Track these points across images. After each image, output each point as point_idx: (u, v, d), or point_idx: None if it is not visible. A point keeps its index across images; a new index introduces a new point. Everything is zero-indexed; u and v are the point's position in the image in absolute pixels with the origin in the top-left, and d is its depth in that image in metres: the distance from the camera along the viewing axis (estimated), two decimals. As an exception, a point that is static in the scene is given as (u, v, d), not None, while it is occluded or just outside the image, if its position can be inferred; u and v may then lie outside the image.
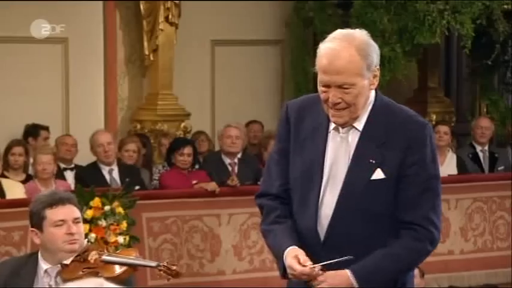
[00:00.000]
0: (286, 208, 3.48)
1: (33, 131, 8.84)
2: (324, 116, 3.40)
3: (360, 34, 3.38)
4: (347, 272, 3.34)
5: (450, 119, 10.57)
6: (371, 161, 3.34)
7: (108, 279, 3.66)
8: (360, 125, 3.39)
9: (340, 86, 3.32)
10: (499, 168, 9.33)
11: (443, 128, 9.36)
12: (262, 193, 3.56)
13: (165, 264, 3.70)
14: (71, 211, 3.85)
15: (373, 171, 3.34)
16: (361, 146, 3.37)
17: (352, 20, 9.59)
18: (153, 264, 3.77)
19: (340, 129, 3.39)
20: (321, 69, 3.33)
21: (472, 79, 11.20)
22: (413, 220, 3.36)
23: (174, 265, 3.73)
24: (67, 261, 3.77)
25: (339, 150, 3.39)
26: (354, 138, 3.39)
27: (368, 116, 3.39)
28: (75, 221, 3.84)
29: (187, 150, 8.31)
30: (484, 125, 9.54)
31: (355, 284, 3.33)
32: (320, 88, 3.36)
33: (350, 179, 3.36)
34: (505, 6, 9.67)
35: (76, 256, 3.78)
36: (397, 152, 3.35)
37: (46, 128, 8.86)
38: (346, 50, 3.32)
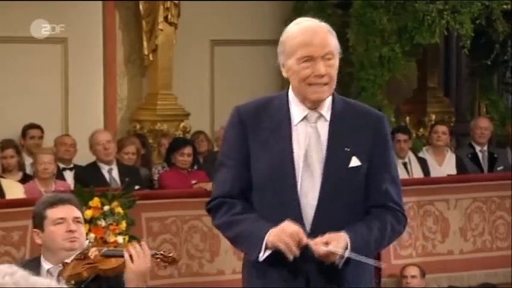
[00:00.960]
0: (248, 205, 3.47)
1: (24, 130, 8.82)
2: (283, 112, 3.44)
3: None
4: (346, 238, 3.35)
5: (449, 119, 10.57)
6: (345, 149, 3.41)
7: (106, 271, 3.69)
8: (326, 113, 3.45)
9: (323, 57, 3.38)
10: (498, 169, 9.33)
11: (442, 128, 9.36)
12: (217, 196, 3.51)
13: (162, 253, 3.72)
14: (71, 210, 3.88)
15: (350, 159, 3.41)
16: (333, 135, 3.42)
17: (351, 19, 9.60)
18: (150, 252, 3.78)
19: (310, 118, 3.43)
20: (303, 44, 3.38)
21: (471, 79, 11.21)
22: (390, 204, 3.48)
23: (170, 252, 3.74)
24: (68, 260, 3.79)
25: (311, 140, 3.42)
26: (322, 127, 3.44)
27: (332, 105, 3.46)
28: (76, 220, 3.87)
29: (188, 150, 8.31)
30: (483, 125, 9.54)
31: (348, 249, 3.34)
32: (300, 65, 3.38)
33: (329, 168, 3.39)
34: (505, 6, 9.66)
35: (77, 255, 3.80)
36: (365, 140, 3.44)
37: (37, 127, 8.82)
38: (321, 27, 3.45)
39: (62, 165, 8.32)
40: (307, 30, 3.42)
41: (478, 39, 9.69)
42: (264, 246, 3.37)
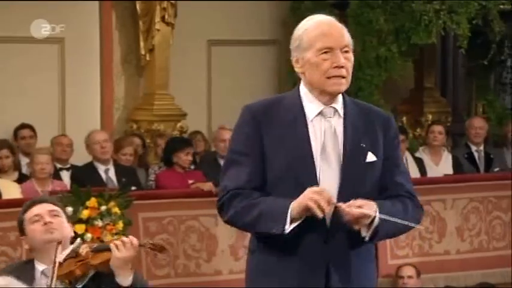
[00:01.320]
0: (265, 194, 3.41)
1: (15, 131, 8.80)
2: (297, 108, 3.44)
3: None
4: (375, 205, 3.35)
5: (446, 119, 10.58)
6: (362, 144, 3.42)
7: (97, 265, 3.71)
8: (340, 110, 3.47)
9: (342, 49, 3.43)
10: (495, 170, 9.33)
11: (438, 128, 9.36)
12: (231, 189, 3.42)
13: (150, 241, 3.76)
14: (45, 206, 3.96)
15: (366, 155, 3.43)
16: (349, 130, 3.43)
17: (348, 19, 9.60)
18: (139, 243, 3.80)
19: (326, 113, 3.44)
20: (322, 35, 3.43)
21: (468, 79, 11.22)
22: (404, 193, 3.52)
23: (158, 242, 3.79)
24: (61, 260, 3.78)
25: (327, 134, 3.43)
26: (338, 122, 3.45)
27: (344, 102, 3.49)
28: (51, 213, 3.93)
29: (190, 149, 8.33)
30: (478, 125, 9.54)
31: (376, 220, 3.34)
32: (319, 57, 3.41)
33: (348, 163, 3.40)
34: (501, 7, 9.68)
35: (68, 254, 3.80)
36: (377, 137, 3.46)
37: (29, 127, 8.79)
38: (336, 22, 3.53)
39: (58, 165, 8.31)
40: (324, 23, 3.49)
41: (475, 39, 9.70)
42: (289, 216, 3.31)
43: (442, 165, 9.22)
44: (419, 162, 9.15)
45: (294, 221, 3.31)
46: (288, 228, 3.29)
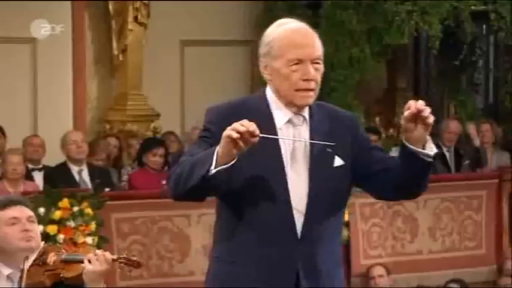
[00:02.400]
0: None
1: None
2: (265, 114, 3.35)
3: None
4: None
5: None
6: (328, 149, 3.37)
7: (69, 279, 3.64)
8: (307, 116, 3.41)
9: (312, 61, 3.34)
10: (465, 163, 9.37)
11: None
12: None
13: (125, 256, 3.63)
14: (24, 210, 3.83)
15: (333, 159, 3.38)
16: (316, 136, 3.37)
17: (321, 20, 9.62)
18: (113, 257, 3.68)
19: (294, 121, 3.37)
20: (294, 46, 3.31)
21: (440, 80, 11.28)
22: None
23: (133, 256, 3.67)
24: (26, 266, 3.70)
25: (295, 143, 3.36)
26: (305, 130, 3.39)
27: (309, 108, 3.41)
28: (29, 219, 3.81)
29: (160, 151, 8.30)
30: (454, 130, 9.58)
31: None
32: (288, 68, 3.31)
33: (315, 170, 3.35)
34: (473, 8, 9.74)
35: (34, 260, 3.72)
36: (344, 140, 3.41)
37: None
38: (310, 30, 3.40)
39: (31, 166, 8.26)
40: (297, 33, 3.35)
41: (447, 40, 9.76)
42: (215, 158, 3.13)
43: (414, 165, 9.24)
44: (392, 163, 9.17)
45: (221, 165, 3.14)
46: (214, 169, 3.13)
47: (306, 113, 3.40)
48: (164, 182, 8.14)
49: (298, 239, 3.33)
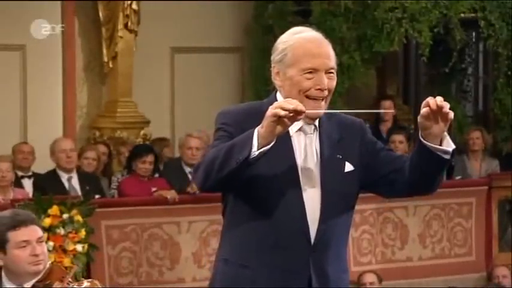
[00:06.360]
0: None
1: None
2: None
3: None
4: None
5: (409, 126, 10.66)
6: (338, 156, 3.39)
7: None
8: (316, 123, 3.42)
9: (326, 71, 3.34)
10: (457, 178, 9.39)
11: (398, 137, 9.42)
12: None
13: None
14: (34, 232, 3.82)
15: (344, 165, 3.40)
16: (325, 143, 3.39)
17: (311, 27, 9.63)
18: None
19: (306, 130, 3.38)
20: (309, 54, 3.31)
21: (430, 87, 11.30)
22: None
23: None
24: (28, 285, 3.72)
25: (307, 151, 3.38)
26: (315, 138, 3.41)
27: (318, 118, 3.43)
28: (39, 240, 3.82)
29: (150, 158, 8.28)
30: None
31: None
32: (302, 76, 3.31)
33: (327, 176, 3.36)
34: (462, 15, 9.77)
35: (39, 281, 3.72)
36: (352, 146, 3.43)
37: None
38: (325, 40, 3.41)
39: (20, 173, 8.25)
40: (312, 42, 3.36)
41: (436, 48, 9.79)
42: (255, 138, 3.10)
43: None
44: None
45: (263, 146, 3.12)
46: (257, 151, 3.10)
47: (316, 121, 3.41)
48: (154, 189, 8.13)
49: (311, 245, 3.35)
